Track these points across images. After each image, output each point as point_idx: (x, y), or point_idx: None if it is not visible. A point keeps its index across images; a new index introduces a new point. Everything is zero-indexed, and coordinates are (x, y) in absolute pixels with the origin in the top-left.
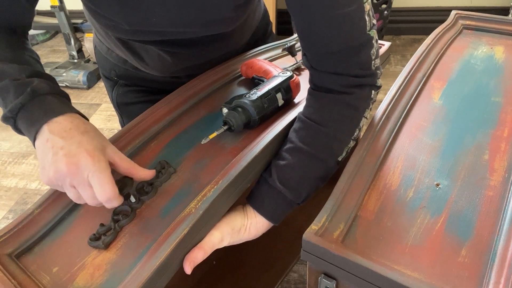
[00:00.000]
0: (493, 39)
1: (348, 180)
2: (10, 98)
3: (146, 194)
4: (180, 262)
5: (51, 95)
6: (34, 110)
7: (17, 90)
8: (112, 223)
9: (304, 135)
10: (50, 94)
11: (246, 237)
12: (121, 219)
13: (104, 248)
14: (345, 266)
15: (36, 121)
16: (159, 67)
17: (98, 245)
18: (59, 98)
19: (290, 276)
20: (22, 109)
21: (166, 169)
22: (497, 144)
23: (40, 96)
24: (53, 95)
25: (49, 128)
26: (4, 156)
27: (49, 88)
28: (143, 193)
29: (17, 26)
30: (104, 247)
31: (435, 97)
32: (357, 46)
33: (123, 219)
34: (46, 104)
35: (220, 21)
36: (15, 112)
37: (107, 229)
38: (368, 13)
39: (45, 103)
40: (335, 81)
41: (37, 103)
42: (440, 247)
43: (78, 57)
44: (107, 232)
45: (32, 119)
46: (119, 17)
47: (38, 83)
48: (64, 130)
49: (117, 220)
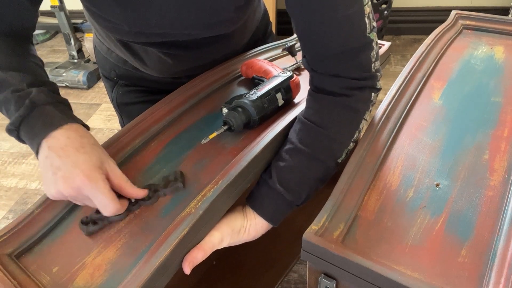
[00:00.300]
0: (493, 39)
1: (348, 180)
2: (12, 111)
3: (148, 199)
4: (180, 262)
5: (50, 104)
6: (34, 123)
7: (17, 102)
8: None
9: (304, 137)
10: (49, 104)
11: (246, 238)
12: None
13: (86, 235)
14: (345, 266)
15: (36, 136)
16: (160, 68)
17: (83, 229)
18: (58, 107)
19: (290, 276)
20: (23, 122)
21: (175, 182)
22: (497, 144)
23: (39, 107)
24: (52, 104)
25: (47, 144)
26: (4, 156)
27: (47, 98)
28: (145, 198)
29: (21, 29)
30: (85, 234)
31: (435, 97)
32: (357, 48)
33: (116, 215)
34: (44, 116)
35: (221, 22)
36: (17, 125)
37: (99, 218)
38: (368, 16)
39: (43, 114)
40: (335, 83)
41: (37, 115)
42: (440, 247)
43: (78, 57)
44: (98, 221)
45: (32, 132)
46: (119, 19)
47: (36, 94)
48: (60, 147)
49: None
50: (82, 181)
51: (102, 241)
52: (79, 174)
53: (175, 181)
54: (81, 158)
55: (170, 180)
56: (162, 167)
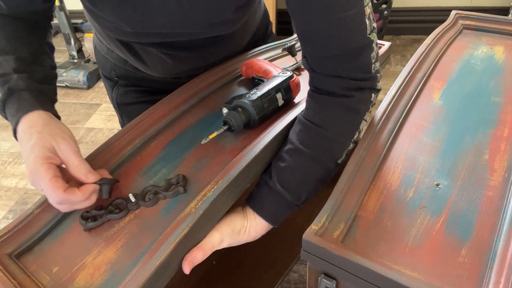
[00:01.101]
0: (493, 39)
1: (348, 180)
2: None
3: (148, 201)
4: (180, 262)
5: (27, 91)
6: (10, 108)
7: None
8: (104, 211)
9: (304, 137)
10: (26, 90)
11: (245, 239)
12: (113, 212)
13: (85, 230)
14: (345, 266)
15: (12, 120)
16: (160, 68)
17: (82, 224)
18: (33, 94)
19: (290, 276)
20: (4, 106)
21: (177, 186)
22: (497, 144)
23: (15, 93)
24: (28, 91)
25: (19, 128)
26: (4, 156)
27: (25, 85)
28: (145, 200)
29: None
30: (84, 229)
31: (435, 97)
32: (358, 49)
33: (116, 213)
34: (17, 103)
35: (221, 22)
36: (1, 108)
37: (98, 215)
38: (369, 17)
39: (18, 101)
40: (336, 84)
41: (15, 99)
42: (440, 247)
43: (78, 57)
44: (97, 217)
45: (10, 115)
46: (120, 19)
47: (17, 80)
48: (24, 132)
49: (110, 211)
50: (30, 168)
51: (102, 241)
52: (29, 160)
53: (177, 184)
54: (34, 143)
55: (172, 184)
56: (162, 167)
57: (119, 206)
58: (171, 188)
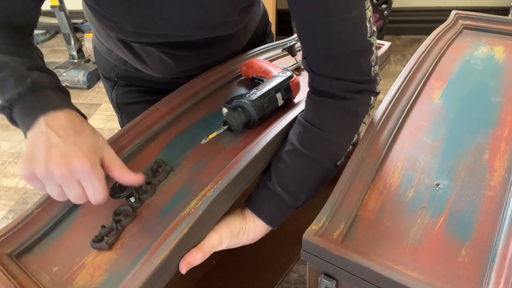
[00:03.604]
0: (493, 39)
1: (348, 180)
2: (9, 88)
3: (145, 193)
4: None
5: (52, 89)
6: (33, 101)
7: (17, 81)
8: (113, 223)
9: (304, 139)
10: (51, 88)
11: (244, 241)
12: (122, 219)
13: (108, 248)
14: (345, 266)
15: (33, 111)
16: (160, 69)
17: (102, 246)
18: (59, 94)
19: (290, 276)
20: (21, 99)
21: (163, 168)
22: (497, 144)
23: (40, 89)
24: (53, 89)
25: (46, 121)
26: (4, 156)
27: (50, 82)
28: (142, 192)
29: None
30: (108, 247)
31: (435, 97)
32: (358, 51)
33: (125, 219)
34: (46, 97)
35: (225, 24)
36: (12, 102)
37: (109, 230)
38: (369, 20)
39: (44, 96)
40: (336, 86)
41: (38, 95)
42: (440, 247)
43: (78, 57)
44: (110, 233)
45: (30, 108)
46: (124, 20)
47: (39, 76)
48: (61, 126)
49: (119, 221)
50: (81, 162)
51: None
52: (79, 154)
53: (161, 167)
54: (81, 139)
55: (156, 169)
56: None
57: (124, 212)
58: (159, 171)
